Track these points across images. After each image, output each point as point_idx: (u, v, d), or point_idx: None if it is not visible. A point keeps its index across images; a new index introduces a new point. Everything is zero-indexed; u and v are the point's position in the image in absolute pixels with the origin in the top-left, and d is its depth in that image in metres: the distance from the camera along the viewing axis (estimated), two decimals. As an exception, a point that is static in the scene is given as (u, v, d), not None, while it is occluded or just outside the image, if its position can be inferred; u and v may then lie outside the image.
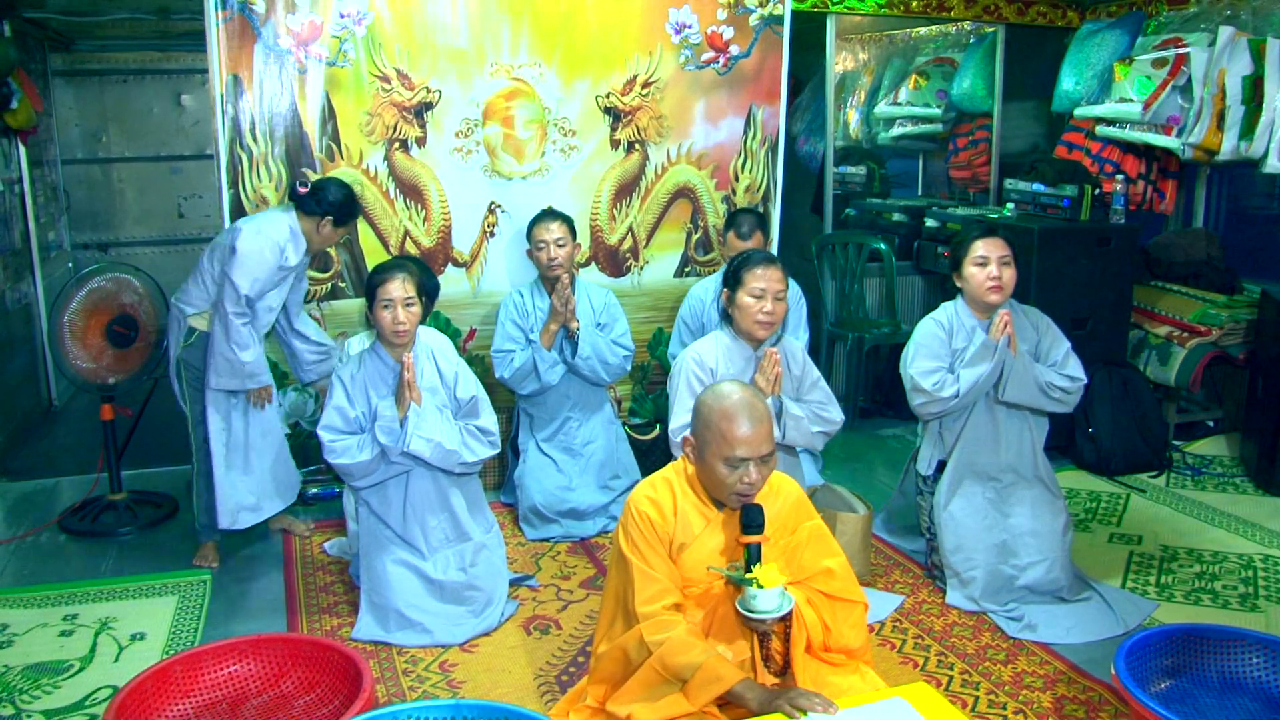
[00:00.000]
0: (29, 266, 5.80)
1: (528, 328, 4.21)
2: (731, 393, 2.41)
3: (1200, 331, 4.94)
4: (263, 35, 4.11)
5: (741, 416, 2.34)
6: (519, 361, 4.15)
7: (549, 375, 4.14)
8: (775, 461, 2.44)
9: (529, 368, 4.14)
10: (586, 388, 4.29)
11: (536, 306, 4.24)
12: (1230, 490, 4.61)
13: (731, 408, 2.36)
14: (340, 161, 4.28)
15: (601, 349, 4.19)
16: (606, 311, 4.32)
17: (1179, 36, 5.04)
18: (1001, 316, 3.43)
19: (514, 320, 4.22)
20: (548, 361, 4.13)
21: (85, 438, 5.25)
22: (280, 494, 4.04)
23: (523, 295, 4.27)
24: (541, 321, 4.19)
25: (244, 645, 2.76)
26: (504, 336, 4.22)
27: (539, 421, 4.30)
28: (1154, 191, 5.47)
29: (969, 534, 3.51)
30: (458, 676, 3.09)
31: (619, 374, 4.31)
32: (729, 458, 2.35)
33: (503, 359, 4.19)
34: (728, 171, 4.81)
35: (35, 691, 3.00)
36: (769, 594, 2.27)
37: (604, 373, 4.22)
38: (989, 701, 2.93)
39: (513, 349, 4.19)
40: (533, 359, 4.13)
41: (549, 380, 4.15)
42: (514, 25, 4.40)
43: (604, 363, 4.20)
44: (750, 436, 2.34)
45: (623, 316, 4.35)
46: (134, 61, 7.63)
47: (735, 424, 2.34)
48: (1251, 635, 2.77)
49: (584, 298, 4.28)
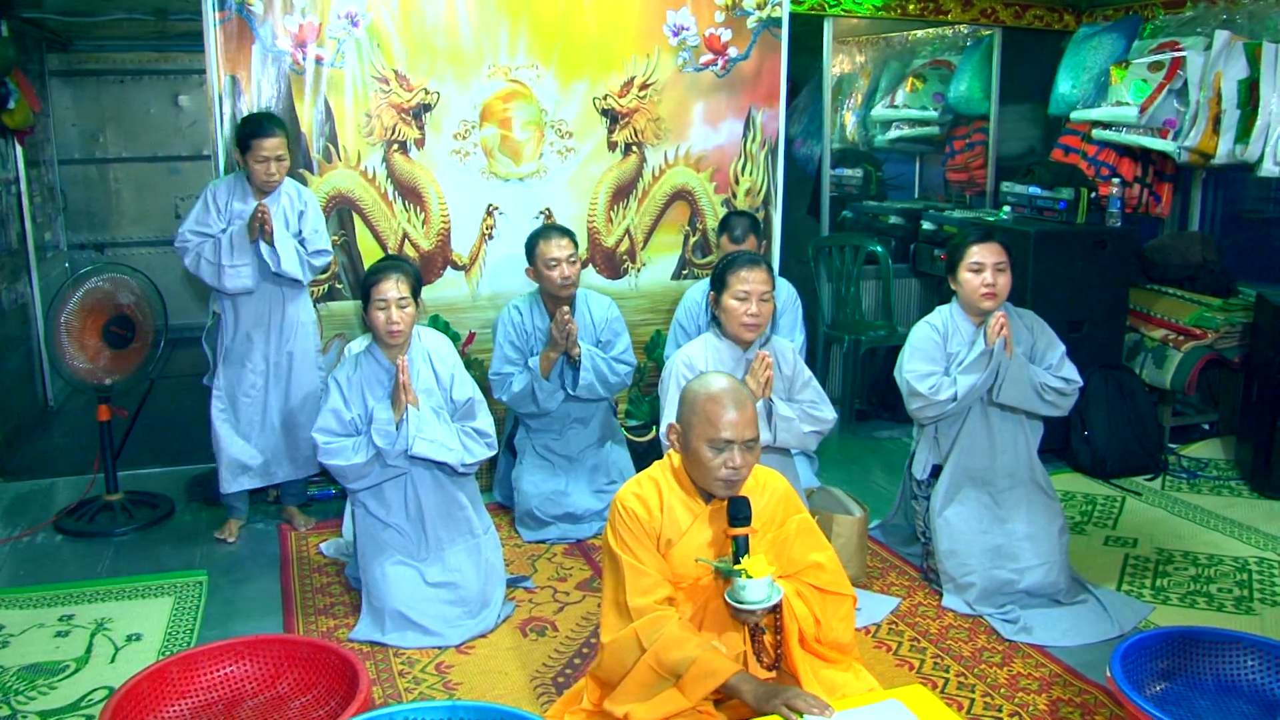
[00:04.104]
0: (25, 267, 5.79)
1: (527, 349, 4.13)
2: (717, 379, 2.46)
3: (1196, 335, 4.95)
4: (260, 36, 4.11)
5: (726, 399, 2.39)
6: (518, 386, 4.06)
7: (548, 403, 4.08)
8: (759, 450, 2.47)
9: (527, 393, 4.06)
10: (587, 403, 4.21)
11: (536, 326, 4.14)
12: (1226, 493, 4.62)
13: (716, 391, 2.41)
14: (338, 163, 4.29)
15: (602, 369, 4.08)
16: (608, 328, 4.21)
17: (1175, 40, 5.06)
18: (997, 319, 3.43)
19: (512, 341, 4.13)
20: (547, 390, 4.05)
21: (82, 438, 5.25)
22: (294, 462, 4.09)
23: (521, 313, 4.16)
24: (541, 341, 4.10)
25: (240, 646, 2.77)
26: (502, 359, 4.13)
27: (537, 430, 4.24)
28: (1150, 195, 5.48)
29: (963, 539, 3.52)
30: (454, 678, 3.09)
31: (619, 390, 4.24)
32: (713, 439, 2.37)
33: (501, 382, 4.11)
34: (727, 174, 4.82)
35: (31, 692, 3.00)
36: (758, 584, 2.29)
37: (604, 391, 4.12)
38: (984, 704, 2.93)
39: (511, 372, 4.10)
40: (531, 385, 4.05)
41: (548, 407, 4.09)
42: (512, 27, 4.40)
43: (604, 383, 4.10)
44: (735, 419, 2.37)
45: (625, 331, 4.25)
46: (131, 62, 7.64)
47: (720, 406, 2.38)
48: (1247, 638, 2.78)
49: (584, 311, 4.19)
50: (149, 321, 4.32)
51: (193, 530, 4.24)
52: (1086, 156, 5.46)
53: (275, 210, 3.90)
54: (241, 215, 3.88)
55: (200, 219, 3.91)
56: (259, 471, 4.07)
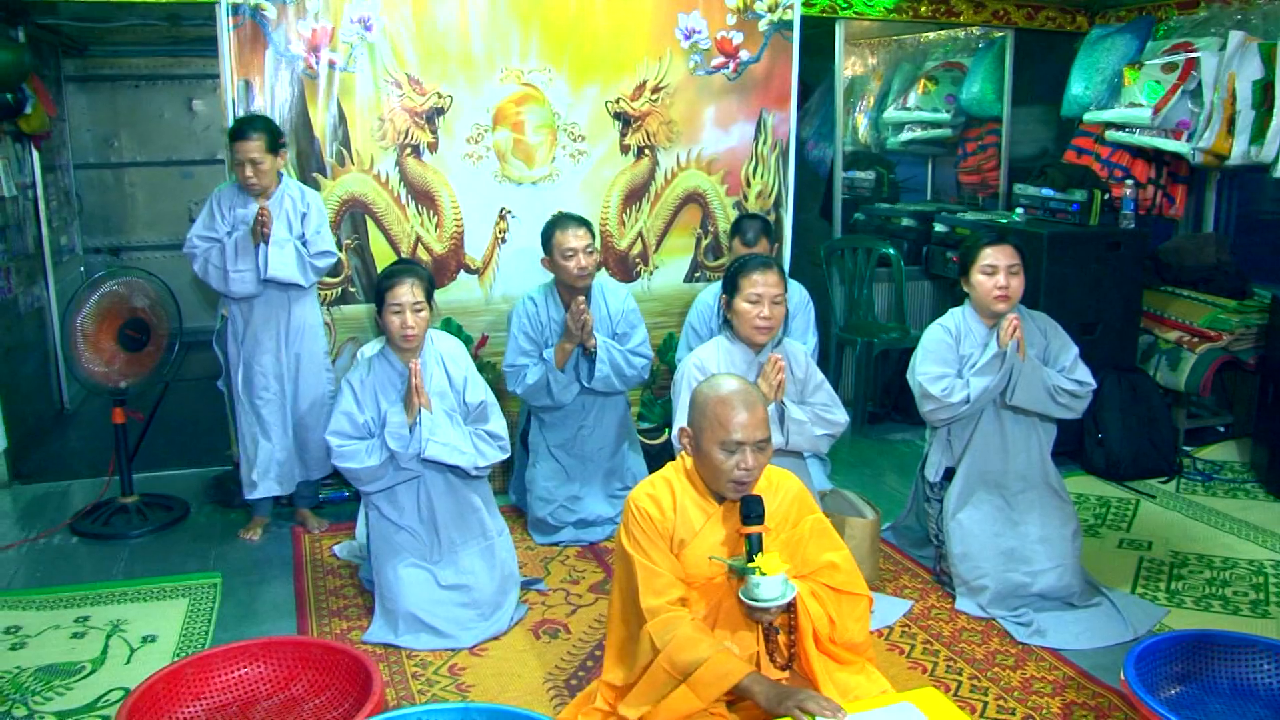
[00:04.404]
0: (41, 270, 5.83)
1: (542, 340, 4.08)
2: (727, 381, 2.47)
3: (1210, 336, 4.93)
4: (274, 41, 4.14)
5: (737, 401, 2.39)
6: (532, 378, 4.02)
7: (562, 395, 4.04)
8: (770, 451, 2.47)
9: (542, 385, 4.02)
10: (604, 398, 4.19)
11: (551, 318, 4.10)
12: (1241, 496, 4.60)
13: (728, 394, 2.41)
14: (351, 166, 4.30)
15: (618, 361, 4.04)
16: (625, 320, 4.17)
17: (1189, 41, 5.03)
18: (1010, 321, 3.42)
19: (526, 332, 4.08)
20: (561, 382, 4.01)
21: (97, 441, 5.27)
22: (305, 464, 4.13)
23: (535, 304, 4.12)
24: (556, 332, 4.06)
25: (255, 648, 2.78)
26: (516, 350, 4.08)
27: (551, 426, 4.21)
28: (1164, 196, 5.46)
29: (976, 543, 3.51)
30: (467, 680, 3.10)
31: (636, 384, 4.20)
32: (725, 441, 2.38)
33: (515, 374, 4.07)
34: (739, 177, 4.82)
35: (48, 693, 3.02)
36: (772, 581, 2.29)
37: (619, 384, 4.09)
38: (998, 707, 2.92)
39: (525, 364, 4.05)
40: (546, 378, 4.02)
41: (562, 400, 4.05)
42: (524, 30, 4.42)
43: (620, 375, 4.05)
44: (746, 420, 2.37)
45: (641, 323, 4.21)
46: (146, 67, 7.68)
47: (731, 408, 2.38)
48: (1262, 641, 2.77)
49: (600, 303, 4.14)
50: (163, 325, 4.34)
51: (207, 532, 4.26)
52: (1100, 158, 5.44)
53: (278, 213, 3.91)
54: (245, 220, 3.90)
55: (206, 224, 3.94)
56: (281, 476, 4.09)
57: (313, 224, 3.99)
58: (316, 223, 4.00)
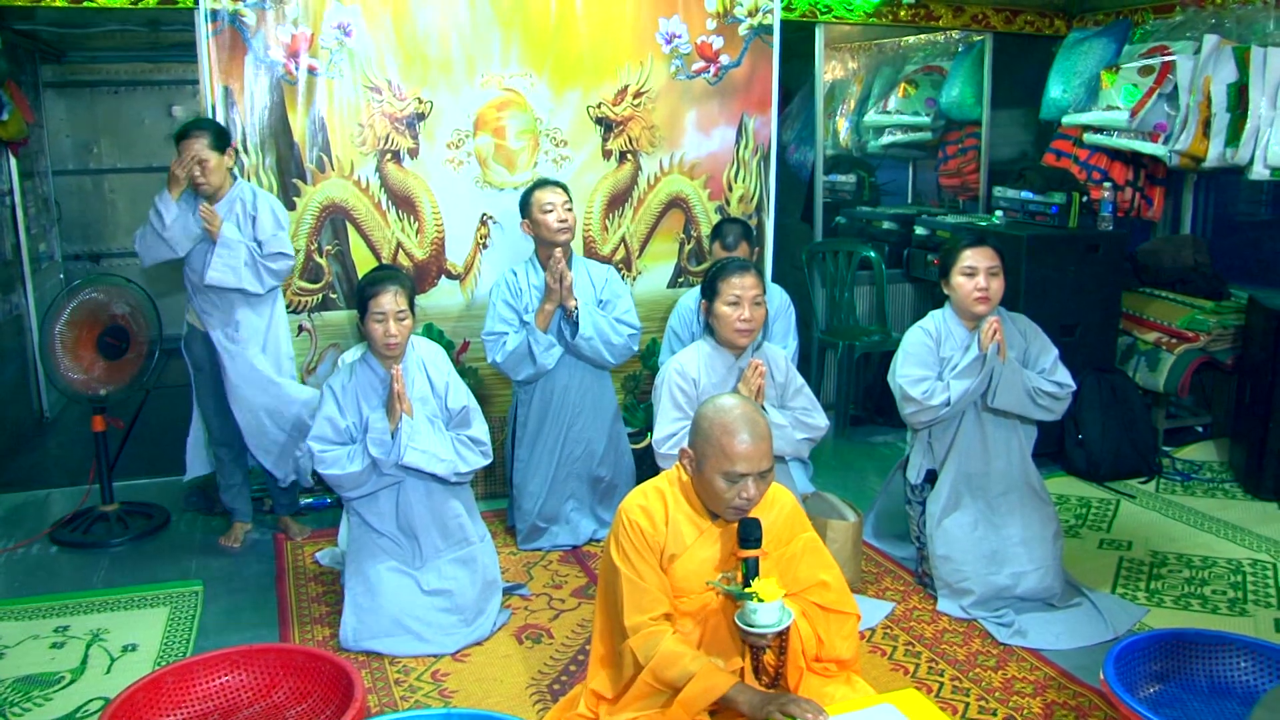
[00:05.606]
0: (20, 278, 5.79)
1: (521, 308, 3.99)
2: (732, 407, 2.39)
3: (1188, 337, 4.97)
4: (253, 47, 4.12)
5: (742, 431, 2.33)
6: (512, 345, 3.92)
7: (545, 359, 3.94)
8: (773, 476, 2.44)
9: (523, 351, 3.92)
10: (592, 381, 4.09)
11: (531, 285, 4.01)
12: (1219, 495, 4.64)
13: (732, 422, 2.34)
14: (331, 172, 4.29)
15: (604, 328, 3.97)
16: (608, 288, 4.11)
17: (1165, 44, 5.08)
18: (990, 323, 3.44)
19: (506, 301, 3.99)
20: (543, 344, 3.91)
21: (77, 449, 5.24)
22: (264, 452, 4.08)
23: (516, 274, 4.04)
24: (537, 299, 3.97)
25: (236, 656, 2.76)
26: (495, 318, 3.98)
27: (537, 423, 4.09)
28: (1142, 198, 5.50)
29: (959, 546, 3.52)
30: (450, 686, 3.10)
31: (625, 355, 4.11)
32: (728, 472, 2.33)
33: (494, 342, 3.96)
34: (721, 181, 4.83)
35: (26, 704, 3.00)
36: (769, 608, 2.26)
37: (608, 354, 4.01)
38: (979, 707, 2.94)
39: (505, 331, 3.96)
40: (527, 342, 3.92)
41: (544, 364, 3.95)
42: (505, 35, 4.42)
43: (608, 343, 3.98)
44: (750, 452, 2.32)
45: (627, 293, 4.16)
46: (125, 73, 7.63)
47: (735, 439, 2.32)
48: (1240, 640, 2.79)
49: (583, 274, 4.07)
50: (143, 332, 4.32)
51: (188, 540, 4.24)
52: (1078, 161, 5.48)
53: (227, 215, 3.87)
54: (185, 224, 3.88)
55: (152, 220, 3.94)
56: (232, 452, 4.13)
57: (266, 227, 3.91)
58: (271, 226, 3.92)
